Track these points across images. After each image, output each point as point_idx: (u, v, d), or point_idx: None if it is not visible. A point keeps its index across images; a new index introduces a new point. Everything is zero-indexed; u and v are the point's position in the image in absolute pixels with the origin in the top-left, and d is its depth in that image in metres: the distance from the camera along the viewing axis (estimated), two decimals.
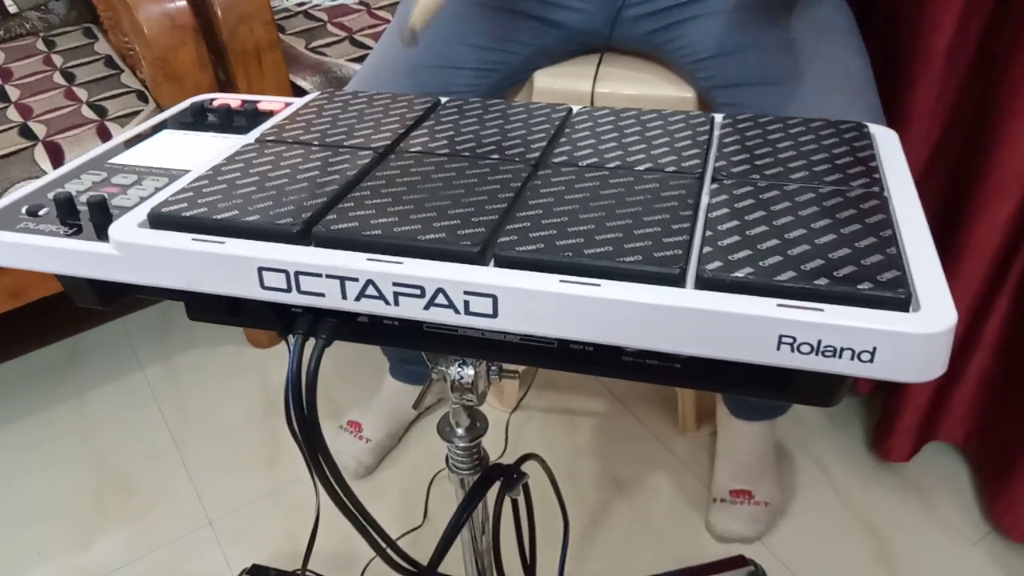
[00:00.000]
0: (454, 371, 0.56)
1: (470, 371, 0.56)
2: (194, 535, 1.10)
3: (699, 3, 0.89)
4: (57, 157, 1.06)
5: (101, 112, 1.14)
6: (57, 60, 1.31)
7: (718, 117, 0.57)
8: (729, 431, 1.13)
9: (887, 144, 0.54)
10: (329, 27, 1.33)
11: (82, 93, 1.20)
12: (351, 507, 0.50)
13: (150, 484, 1.17)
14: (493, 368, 0.56)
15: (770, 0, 0.83)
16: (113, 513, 1.13)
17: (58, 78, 1.25)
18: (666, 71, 0.95)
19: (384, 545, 0.55)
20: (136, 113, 1.14)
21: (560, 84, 0.95)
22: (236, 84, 1.12)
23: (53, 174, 0.55)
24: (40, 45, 1.36)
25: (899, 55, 0.91)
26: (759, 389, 0.43)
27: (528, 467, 0.65)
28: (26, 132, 1.11)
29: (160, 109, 1.15)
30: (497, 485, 0.62)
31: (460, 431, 0.61)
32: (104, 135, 1.09)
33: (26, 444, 1.24)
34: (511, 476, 0.62)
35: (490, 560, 0.71)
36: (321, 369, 0.61)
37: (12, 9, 1.38)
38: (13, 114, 1.16)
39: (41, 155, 1.07)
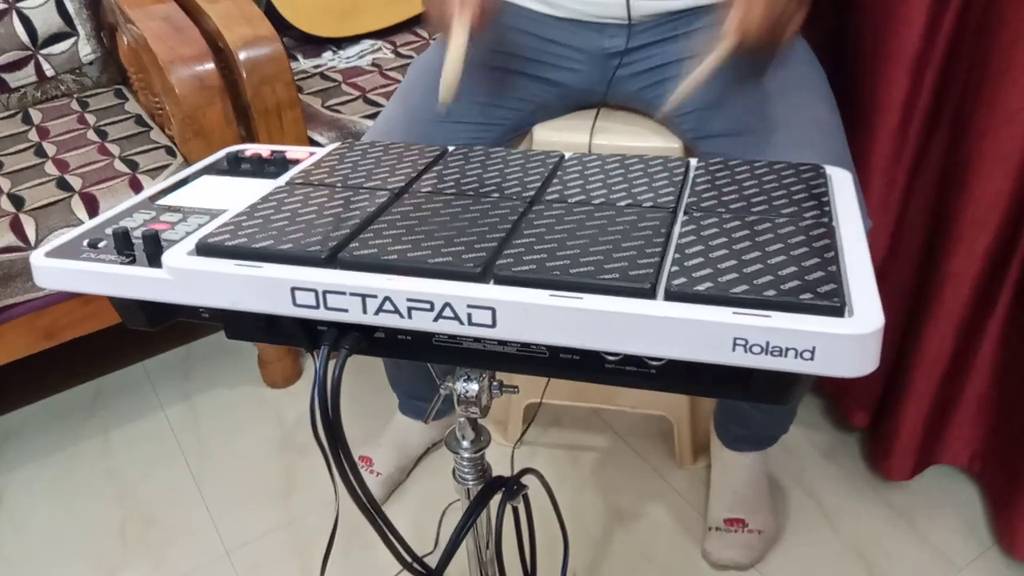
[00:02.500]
0: (460, 386, 0.62)
1: (474, 386, 0.62)
2: (212, 565, 1.15)
3: (684, 62, 0.97)
4: (92, 207, 1.15)
5: (133, 166, 1.23)
6: (90, 119, 1.40)
7: (693, 161, 0.64)
8: (723, 463, 1.18)
9: (841, 183, 0.61)
10: (344, 87, 1.42)
11: (114, 149, 1.29)
12: (368, 505, 0.57)
13: (170, 517, 1.22)
14: (495, 383, 0.63)
15: (743, 67, 0.91)
16: (135, 544, 1.19)
17: (92, 135, 1.34)
18: (656, 124, 1.04)
19: (400, 549, 0.61)
20: (165, 167, 1.22)
21: (558, 137, 1.04)
22: (258, 139, 1.21)
23: (109, 213, 0.63)
24: (75, 105, 1.46)
25: (863, 109, 1.00)
26: (724, 389, 0.50)
27: (528, 486, 0.71)
28: (63, 184, 1.20)
29: (187, 163, 1.24)
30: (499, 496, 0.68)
31: (466, 443, 0.67)
32: (136, 187, 1.18)
33: (53, 479, 1.29)
34: (512, 486, 0.68)
35: (494, 571, 0.76)
36: None
37: (49, 73, 1.48)
38: (51, 168, 1.25)
39: (78, 205, 1.15)
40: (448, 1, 0.78)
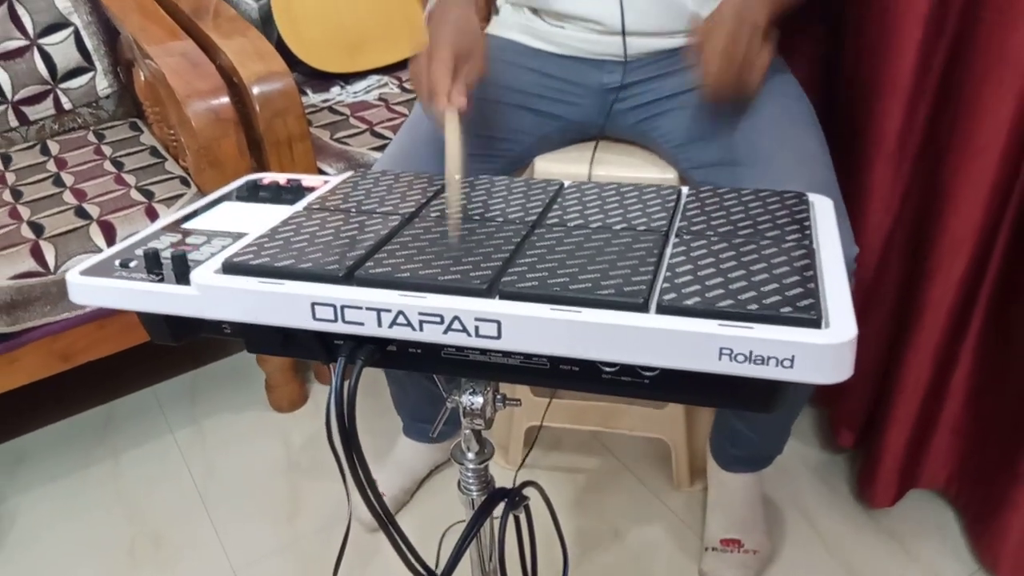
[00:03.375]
0: (466, 399, 0.66)
1: (479, 399, 0.66)
2: None
3: (677, 97, 1.03)
4: (110, 235, 1.19)
5: (148, 195, 1.28)
6: (106, 150, 1.45)
7: (684, 189, 0.69)
8: (719, 484, 1.21)
9: (822, 209, 0.65)
10: (351, 120, 1.47)
11: (130, 179, 1.34)
12: (380, 511, 0.60)
13: (179, 537, 1.25)
14: (498, 396, 0.67)
15: (725, 106, 0.97)
16: (144, 563, 1.21)
17: (108, 166, 1.39)
18: (652, 156, 1.08)
19: (411, 558, 0.64)
20: (180, 196, 1.27)
21: (558, 168, 1.08)
22: (270, 170, 1.26)
23: (137, 236, 0.67)
24: (91, 137, 1.51)
25: (860, 139, 1.04)
26: (712, 397, 0.54)
27: (530, 497, 0.74)
28: (81, 213, 1.24)
29: (201, 193, 1.28)
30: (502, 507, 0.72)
31: (470, 455, 0.71)
32: (152, 215, 1.22)
33: (64, 500, 1.32)
34: (514, 496, 0.72)
35: None
36: None
37: (67, 106, 1.53)
38: (69, 197, 1.30)
39: (96, 233, 1.19)
40: (436, 99, 0.83)
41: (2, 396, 1.20)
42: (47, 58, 1.49)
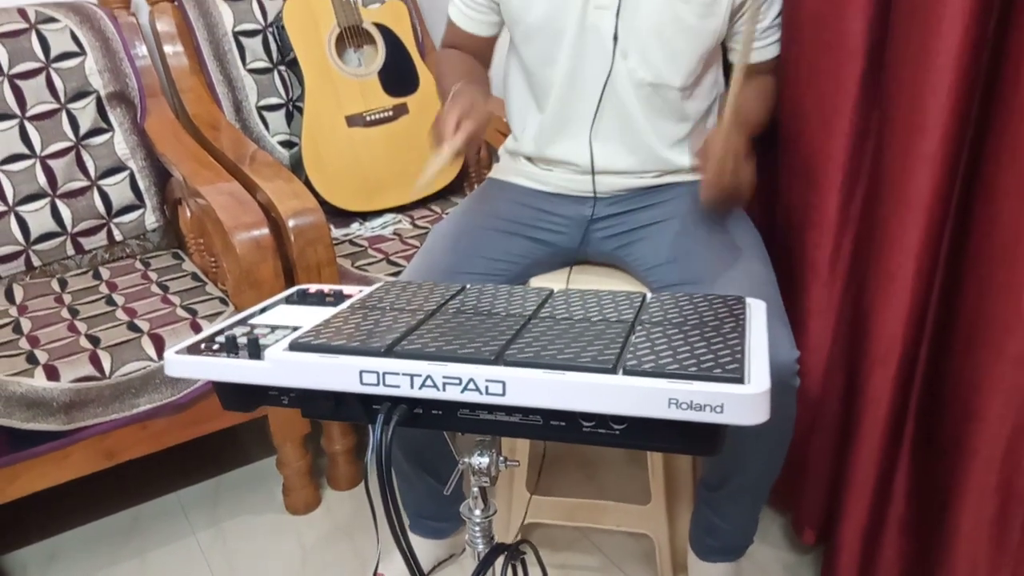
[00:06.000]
0: (475, 460, 0.81)
1: (485, 459, 0.81)
2: None
3: (647, 228, 1.23)
4: (160, 345, 1.36)
5: (192, 312, 1.46)
6: (153, 275, 1.65)
7: (649, 294, 0.87)
8: (699, 574, 1.33)
9: (757, 307, 0.83)
10: (369, 251, 1.68)
11: (175, 299, 1.52)
12: (404, 542, 0.74)
13: None
14: (500, 458, 0.82)
15: (710, 217, 1.17)
16: None
17: (155, 288, 1.58)
18: (627, 276, 1.28)
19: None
20: (220, 313, 1.45)
21: (549, 285, 1.27)
22: None
23: (214, 327, 0.84)
24: (138, 264, 1.71)
25: (798, 266, 1.24)
26: (669, 443, 0.69)
27: (527, 551, 0.88)
28: (133, 327, 1.42)
29: (238, 311, 1.46)
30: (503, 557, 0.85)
31: (477, 512, 0.85)
32: (196, 328, 1.40)
33: None
34: (514, 549, 0.85)
35: None
36: (348, 526, 0.82)
37: (118, 238, 1.74)
38: (121, 315, 1.47)
39: (147, 343, 1.37)
40: (445, 129, 1.07)
41: (40, 498, 1.32)
42: (104, 197, 1.71)
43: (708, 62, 1.21)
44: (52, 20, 1.69)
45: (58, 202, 1.67)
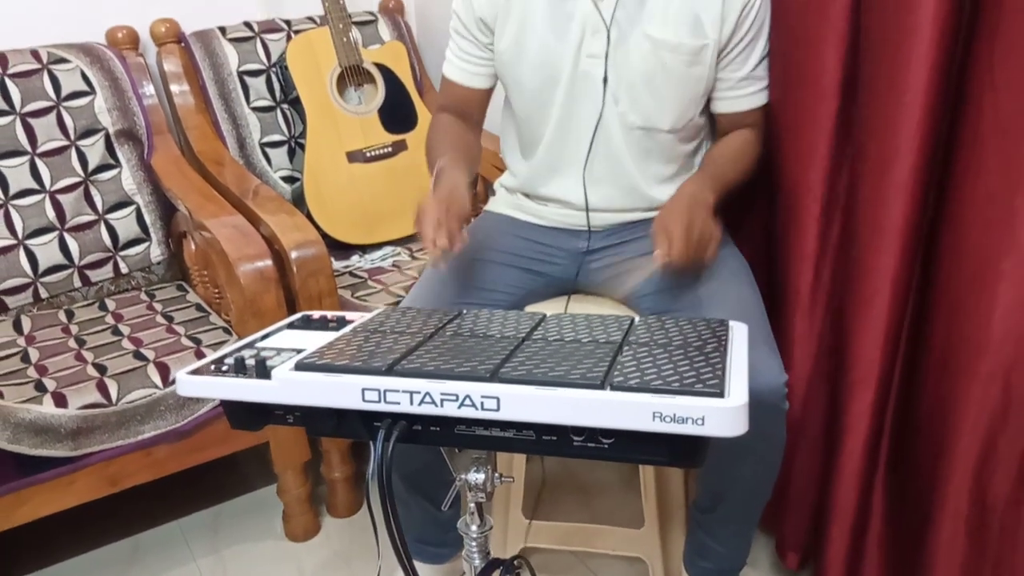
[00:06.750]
0: (472, 476, 0.85)
1: (481, 475, 0.85)
2: None
3: (638, 259, 1.28)
4: (165, 373, 1.40)
5: (196, 341, 1.50)
6: (158, 307, 1.69)
7: (637, 317, 0.91)
8: None
9: (739, 329, 0.88)
10: (369, 282, 1.72)
11: (180, 329, 1.56)
12: (404, 553, 0.78)
13: None
14: (496, 474, 0.86)
15: (680, 274, 1.21)
16: None
17: (159, 319, 1.62)
18: (619, 305, 1.32)
19: None
20: (224, 342, 1.49)
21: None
22: None
23: (222, 351, 0.88)
24: (143, 296, 1.75)
25: (784, 294, 1.28)
26: (655, 456, 0.73)
27: (522, 566, 0.91)
28: (139, 356, 1.46)
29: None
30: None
31: (474, 527, 0.89)
32: (201, 357, 1.44)
33: None
34: (509, 564, 0.89)
35: None
36: (346, 552, 0.84)
37: (124, 270, 1.79)
38: (127, 344, 1.51)
39: (153, 371, 1.40)
40: (425, 233, 1.08)
41: (41, 526, 1.34)
42: (111, 230, 1.76)
43: (697, 105, 1.27)
44: (63, 60, 1.76)
45: (66, 235, 1.72)
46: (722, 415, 0.68)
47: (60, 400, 1.33)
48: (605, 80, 1.22)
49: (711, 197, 1.16)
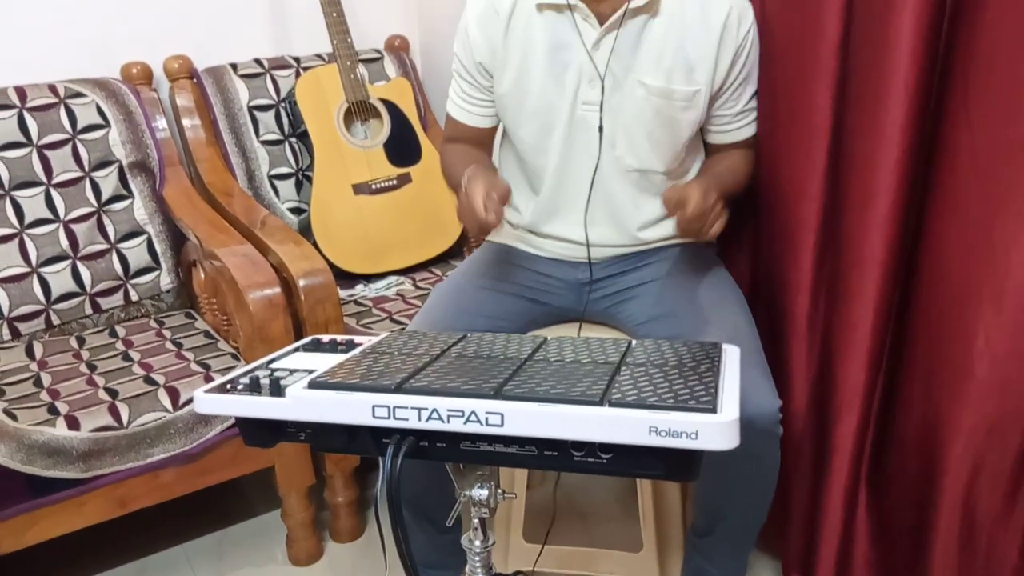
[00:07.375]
0: (476, 492, 0.88)
1: (485, 491, 0.88)
2: None
3: (636, 288, 1.33)
4: (175, 397, 1.44)
5: (206, 367, 1.53)
6: (167, 333, 1.73)
7: (634, 340, 0.95)
8: None
9: (731, 352, 0.92)
10: (374, 310, 1.76)
11: (189, 355, 1.60)
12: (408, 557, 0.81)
13: None
14: (499, 490, 0.89)
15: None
16: None
17: (169, 346, 1.66)
18: (620, 332, 1.36)
19: None
20: (232, 367, 1.53)
21: None
22: None
23: (238, 371, 0.92)
24: (152, 323, 1.79)
25: (780, 322, 1.32)
26: (651, 470, 0.77)
27: None
28: (149, 380, 1.49)
29: None
30: None
31: (477, 543, 0.92)
32: (210, 381, 1.47)
33: None
34: None
35: None
36: None
37: (134, 298, 1.83)
38: (137, 369, 1.55)
39: (163, 396, 1.44)
40: (475, 206, 1.11)
41: (48, 549, 1.37)
42: (123, 259, 1.80)
43: (690, 148, 1.32)
44: (80, 95, 1.81)
45: (79, 264, 1.76)
46: (715, 429, 0.71)
47: (72, 423, 1.36)
48: (601, 128, 1.27)
49: (719, 191, 1.19)
